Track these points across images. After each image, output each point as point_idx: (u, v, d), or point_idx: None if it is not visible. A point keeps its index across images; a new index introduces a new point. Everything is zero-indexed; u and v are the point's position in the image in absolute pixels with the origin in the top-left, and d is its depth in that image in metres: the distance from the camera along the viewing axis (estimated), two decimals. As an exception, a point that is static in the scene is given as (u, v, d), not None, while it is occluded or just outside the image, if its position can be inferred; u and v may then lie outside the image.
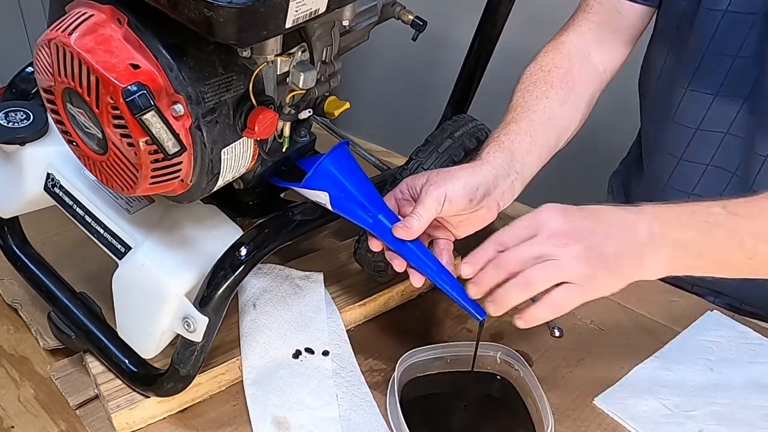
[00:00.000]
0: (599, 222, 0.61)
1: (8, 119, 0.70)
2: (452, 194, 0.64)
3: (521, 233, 0.61)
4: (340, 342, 0.80)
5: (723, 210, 0.59)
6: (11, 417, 0.72)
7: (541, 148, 0.74)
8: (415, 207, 0.65)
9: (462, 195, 0.65)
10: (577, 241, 0.59)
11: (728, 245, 0.59)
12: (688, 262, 0.60)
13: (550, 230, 0.60)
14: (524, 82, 0.79)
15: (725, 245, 0.59)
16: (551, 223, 0.60)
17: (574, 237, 0.59)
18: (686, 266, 0.60)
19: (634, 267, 0.60)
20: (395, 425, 0.72)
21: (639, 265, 0.60)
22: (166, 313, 0.66)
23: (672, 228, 0.60)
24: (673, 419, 0.74)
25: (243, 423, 0.72)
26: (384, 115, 2.16)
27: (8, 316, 0.85)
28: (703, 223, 0.59)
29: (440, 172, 0.67)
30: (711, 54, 0.82)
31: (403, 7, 0.85)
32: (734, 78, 0.82)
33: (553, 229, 0.60)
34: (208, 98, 0.57)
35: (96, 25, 0.54)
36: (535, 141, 0.73)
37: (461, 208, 0.65)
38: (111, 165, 0.58)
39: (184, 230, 0.69)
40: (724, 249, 0.59)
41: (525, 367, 0.76)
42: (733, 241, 0.58)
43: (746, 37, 0.78)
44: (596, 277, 0.59)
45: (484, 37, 0.91)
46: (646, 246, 0.60)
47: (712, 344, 0.84)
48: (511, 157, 0.70)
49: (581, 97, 0.80)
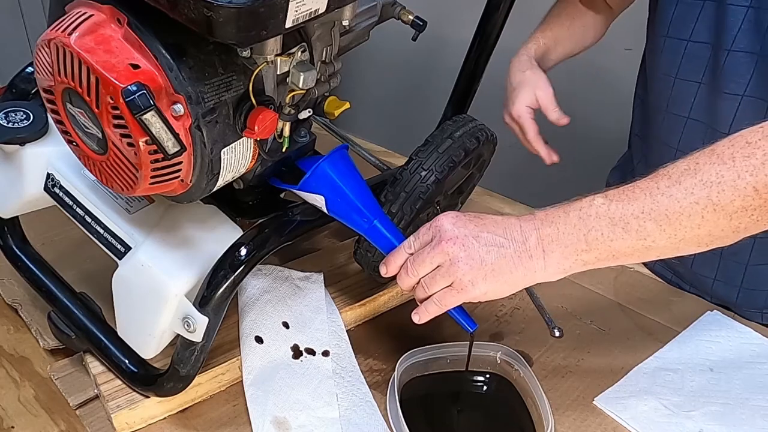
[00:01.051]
0: (487, 231, 0.64)
1: (8, 119, 0.70)
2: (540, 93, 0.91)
3: (424, 238, 0.66)
4: (340, 342, 0.80)
5: (605, 200, 0.61)
6: (11, 417, 0.72)
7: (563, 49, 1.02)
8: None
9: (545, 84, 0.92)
10: (462, 248, 0.63)
11: (614, 232, 0.60)
12: (581, 257, 0.62)
13: (441, 236, 0.64)
14: (557, 4, 1.03)
15: (610, 233, 0.60)
16: (443, 228, 0.64)
17: (459, 244, 0.63)
18: (581, 261, 0.62)
19: (524, 272, 0.63)
20: (395, 425, 0.72)
21: (530, 270, 0.63)
22: (166, 313, 0.66)
23: (558, 228, 0.62)
24: (673, 419, 0.74)
25: (243, 423, 0.72)
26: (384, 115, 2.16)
27: (8, 316, 0.85)
28: (586, 216, 0.61)
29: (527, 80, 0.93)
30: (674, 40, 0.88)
31: (403, 7, 0.85)
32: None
33: (443, 235, 0.64)
34: (208, 98, 0.57)
35: (96, 25, 0.54)
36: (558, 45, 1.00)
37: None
38: (111, 165, 0.58)
39: (184, 230, 0.69)
40: (610, 237, 0.60)
41: (525, 367, 0.76)
42: (617, 227, 0.60)
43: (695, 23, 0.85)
44: (473, 284, 0.63)
45: (484, 37, 0.90)
46: (536, 250, 0.62)
47: (712, 344, 0.84)
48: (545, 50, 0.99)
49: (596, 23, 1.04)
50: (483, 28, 0.90)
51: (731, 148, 0.57)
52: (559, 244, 0.62)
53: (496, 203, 1.12)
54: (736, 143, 0.58)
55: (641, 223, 0.59)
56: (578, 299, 0.92)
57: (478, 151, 0.79)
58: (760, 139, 0.56)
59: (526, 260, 0.62)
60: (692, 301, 0.93)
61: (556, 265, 0.62)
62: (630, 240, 0.60)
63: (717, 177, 0.57)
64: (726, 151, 0.58)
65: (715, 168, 0.57)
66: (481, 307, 0.90)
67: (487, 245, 0.63)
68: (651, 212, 0.59)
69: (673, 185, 0.58)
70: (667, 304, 0.92)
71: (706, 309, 0.90)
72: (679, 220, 0.58)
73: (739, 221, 0.58)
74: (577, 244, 0.61)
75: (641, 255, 0.62)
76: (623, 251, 0.61)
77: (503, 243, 0.63)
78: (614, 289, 0.95)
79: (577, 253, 0.62)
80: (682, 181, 0.58)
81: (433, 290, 0.65)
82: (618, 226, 0.60)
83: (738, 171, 0.56)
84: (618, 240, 0.60)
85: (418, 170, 0.75)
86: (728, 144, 0.58)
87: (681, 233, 0.59)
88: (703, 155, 0.59)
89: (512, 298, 0.92)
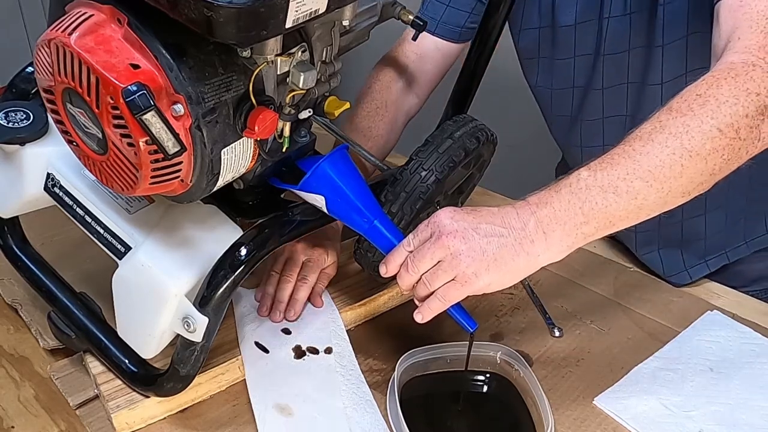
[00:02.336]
0: (485, 222, 0.64)
1: (8, 119, 0.70)
2: None
3: (423, 235, 0.66)
4: (341, 342, 0.80)
5: (589, 171, 0.63)
6: (11, 417, 0.72)
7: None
8: None
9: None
10: (462, 241, 0.63)
11: (606, 198, 0.62)
12: (581, 231, 0.63)
13: (441, 231, 0.64)
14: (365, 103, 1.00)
15: (603, 200, 0.62)
16: (442, 223, 0.65)
17: (459, 237, 0.63)
18: (582, 235, 0.64)
19: (526, 258, 0.64)
20: (395, 425, 0.72)
21: (532, 256, 0.63)
22: (166, 313, 0.66)
23: (553, 207, 0.63)
24: (673, 419, 0.74)
25: (243, 423, 0.72)
26: (384, 115, 2.15)
27: (8, 316, 0.85)
28: (577, 190, 0.63)
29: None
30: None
31: (403, 7, 0.85)
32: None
33: (442, 230, 0.64)
34: (208, 98, 0.57)
35: (96, 25, 0.54)
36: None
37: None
38: (111, 165, 0.58)
39: (184, 230, 0.69)
40: (604, 203, 0.62)
41: (525, 367, 0.76)
42: (608, 192, 0.62)
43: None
44: (477, 276, 0.63)
45: (484, 37, 0.90)
46: (536, 234, 0.63)
47: (712, 344, 0.84)
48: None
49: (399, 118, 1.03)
50: (483, 28, 0.90)
51: (685, 102, 0.62)
52: (558, 222, 0.63)
53: (496, 203, 1.12)
54: (688, 97, 0.63)
55: (629, 183, 0.62)
56: (578, 299, 0.92)
57: (478, 151, 0.79)
58: (707, 89, 0.62)
59: (528, 245, 0.63)
60: (692, 301, 0.93)
61: (559, 243, 0.63)
62: (623, 202, 0.62)
63: (683, 127, 0.61)
64: (682, 106, 0.62)
65: (679, 120, 0.62)
66: (481, 306, 0.90)
67: (487, 236, 0.63)
68: (635, 171, 0.62)
69: (647, 143, 0.62)
70: (667, 304, 0.92)
71: (706, 309, 0.90)
72: (662, 172, 0.61)
73: (714, 162, 0.62)
74: (575, 218, 0.63)
75: (634, 216, 0.64)
76: (619, 215, 0.63)
77: (503, 232, 0.63)
78: (614, 289, 0.95)
79: (577, 227, 0.63)
80: (654, 138, 0.62)
81: (435, 286, 0.65)
82: (609, 192, 0.62)
83: (700, 118, 0.61)
84: (612, 205, 0.62)
85: (418, 170, 0.75)
86: (681, 100, 0.63)
87: (667, 185, 0.62)
88: (662, 113, 0.63)
89: (512, 297, 0.92)
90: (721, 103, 0.61)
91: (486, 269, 0.63)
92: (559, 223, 0.63)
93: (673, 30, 0.83)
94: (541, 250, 0.63)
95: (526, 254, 0.63)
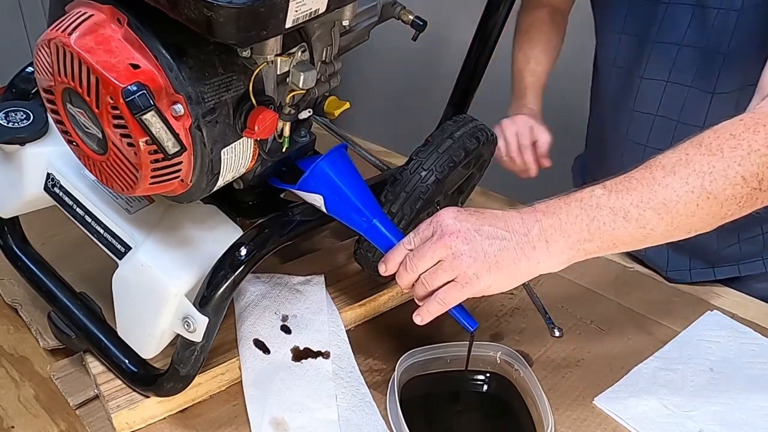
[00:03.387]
0: (488, 224, 0.64)
1: (8, 119, 0.70)
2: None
3: (424, 234, 0.66)
4: (340, 342, 0.80)
5: (604, 190, 0.63)
6: (11, 417, 0.72)
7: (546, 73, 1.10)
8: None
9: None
10: (464, 242, 0.63)
11: (615, 221, 0.62)
12: (583, 247, 0.63)
13: (443, 230, 0.64)
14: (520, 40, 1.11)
15: (612, 222, 0.62)
16: (444, 223, 0.64)
17: (461, 238, 0.63)
18: (583, 251, 0.63)
19: (527, 264, 0.63)
20: (395, 425, 0.72)
21: (533, 261, 0.63)
22: (166, 313, 0.66)
23: (560, 218, 0.63)
24: (673, 419, 0.74)
25: (243, 423, 0.72)
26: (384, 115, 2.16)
27: (8, 316, 0.85)
28: (588, 207, 0.63)
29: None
30: (660, 42, 0.90)
31: (403, 7, 0.85)
32: (680, 65, 0.89)
33: (444, 229, 0.64)
34: (208, 98, 0.57)
35: (96, 25, 0.54)
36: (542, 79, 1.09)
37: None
38: (111, 165, 0.58)
39: (184, 230, 0.69)
40: (612, 225, 0.62)
41: (525, 367, 0.76)
42: (618, 215, 0.62)
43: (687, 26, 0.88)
44: (478, 277, 0.63)
45: (484, 37, 0.90)
46: (539, 241, 0.63)
47: (712, 344, 0.84)
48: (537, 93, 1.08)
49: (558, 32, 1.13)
50: (483, 28, 0.90)
51: (717, 140, 0.60)
52: (562, 234, 0.62)
53: (497, 203, 1.12)
54: (722, 135, 0.61)
55: (641, 212, 0.61)
56: (578, 299, 0.92)
57: (478, 151, 0.79)
58: (743, 131, 0.60)
59: (529, 251, 0.63)
60: (692, 301, 0.93)
61: (560, 254, 0.63)
62: (630, 228, 0.62)
63: (708, 167, 0.60)
64: (713, 143, 0.61)
65: (706, 159, 0.60)
66: (481, 306, 0.90)
67: (490, 238, 0.63)
68: (650, 201, 0.61)
69: (669, 175, 0.61)
70: (667, 304, 0.92)
71: (706, 309, 0.90)
72: (676, 208, 0.61)
73: (729, 208, 0.61)
74: (580, 233, 0.62)
75: (639, 242, 0.63)
76: (623, 239, 0.62)
77: (505, 235, 0.63)
78: (614, 289, 0.95)
79: (580, 243, 0.62)
80: (677, 171, 0.61)
81: (434, 285, 0.64)
82: (619, 215, 0.61)
83: (727, 161, 0.60)
84: (620, 229, 0.62)
85: (418, 170, 0.75)
86: (714, 136, 0.61)
87: (677, 220, 0.61)
88: (691, 146, 0.62)
89: (512, 298, 0.92)
90: (752, 151, 0.59)
91: (487, 271, 0.62)
92: (563, 235, 0.62)
93: (741, 39, 0.82)
94: (542, 258, 0.63)
95: (527, 259, 0.63)
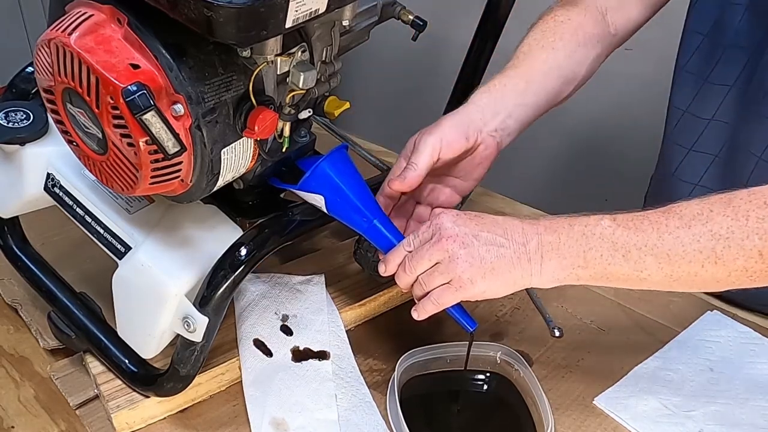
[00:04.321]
0: (487, 230, 0.63)
1: (8, 119, 0.70)
2: (447, 136, 0.69)
3: (424, 236, 0.65)
4: (340, 343, 0.80)
5: (612, 223, 0.61)
6: (11, 417, 0.72)
7: (536, 94, 0.75)
8: (410, 157, 0.69)
9: (456, 135, 0.69)
10: (461, 246, 0.63)
11: (613, 257, 0.60)
12: (576, 272, 0.62)
13: (441, 233, 0.64)
14: (535, 30, 0.80)
15: (610, 256, 0.60)
16: (444, 226, 0.64)
17: (459, 241, 0.63)
18: (575, 276, 0.62)
19: (521, 274, 0.63)
20: (395, 425, 0.72)
21: (527, 273, 0.63)
22: (166, 313, 0.66)
23: (560, 238, 0.62)
24: (673, 419, 0.74)
25: (243, 423, 0.72)
26: (384, 115, 2.15)
27: (8, 316, 0.85)
28: (590, 235, 0.61)
29: (429, 126, 0.70)
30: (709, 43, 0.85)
31: (403, 7, 0.85)
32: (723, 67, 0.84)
33: (443, 232, 0.64)
34: (208, 98, 0.57)
35: (96, 25, 0.54)
36: (531, 86, 0.75)
37: (459, 147, 0.70)
38: (111, 165, 0.58)
39: (184, 230, 0.69)
40: (609, 260, 0.60)
41: (525, 367, 0.76)
42: (618, 252, 0.60)
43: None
44: (472, 282, 0.63)
45: (484, 37, 0.91)
46: (535, 254, 0.62)
47: (712, 344, 0.84)
48: (501, 98, 0.73)
49: (588, 53, 0.80)
50: (483, 28, 0.90)
51: (748, 204, 0.57)
52: (558, 253, 0.62)
53: (496, 203, 1.12)
54: (754, 200, 0.57)
55: (642, 255, 0.59)
56: (578, 299, 0.92)
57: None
58: None
59: (525, 262, 0.63)
60: (692, 301, 0.93)
61: (551, 273, 0.63)
62: (627, 268, 0.60)
63: (727, 231, 0.57)
64: (742, 206, 0.57)
65: (727, 222, 0.57)
66: (481, 306, 0.90)
67: (487, 244, 0.63)
68: (654, 248, 0.59)
69: (683, 227, 0.58)
70: (667, 304, 0.92)
71: (706, 309, 0.90)
72: (680, 263, 0.58)
73: (737, 279, 0.58)
74: (575, 258, 0.62)
75: (633, 284, 0.62)
76: (617, 276, 0.61)
77: (503, 243, 0.63)
78: (614, 289, 0.95)
79: (573, 267, 0.62)
80: (692, 225, 0.58)
81: (430, 287, 0.64)
82: (619, 253, 0.60)
83: (748, 231, 0.56)
84: (615, 265, 0.61)
85: (419, 170, 0.75)
86: (747, 199, 0.57)
87: (677, 274, 0.59)
88: (719, 202, 0.58)
89: (512, 297, 0.92)
90: None
91: (482, 277, 0.62)
92: (558, 255, 0.62)
93: None
94: (535, 271, 0.63)
95: (521, 270, 0.63)
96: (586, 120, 1.64)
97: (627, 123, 1.63)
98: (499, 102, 0.73)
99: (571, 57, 0.78)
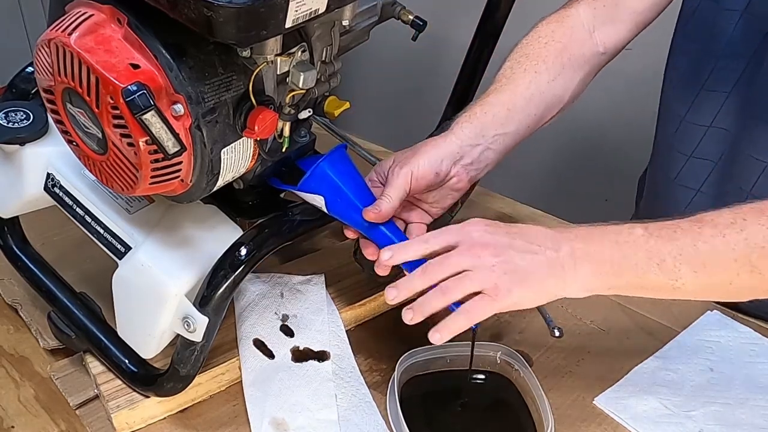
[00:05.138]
0: (520, 238, 0.62)
1: (8, 119, 0.70)
2: (418, 171, 0.68)
3: (447, 238, 0.63)
4: (340, 343, 0.80)
5: (645, 231, 0.61)
6: (11, 417, 0.72)
7: (518, 122, 0.74)
8: (384, 189, 0.68)
9: (427, 170, 0.69)
10: (494, 254, 0.61)
11: (648, 265, 0.60)
12: (609, 281, 0.61)
13: (471, 241, 0.62)
14: (517, 52, 0.78)
15: (644, 265, 0.60)
16: (473, 234, 0.62)
17: (491, 249, 0.61)
18: (608, 285, 0.62)
19: (555, 282, 0.62)
20: (395, 425, 0.72)
21: (561, 281, 0.62)
22: (166, 313, 0.66)
23: (593, 246, 0.61)
24: (673, 419, 0.74)
25: (243, 423, 0.72)
26: (384, 115, 2.16)
27: (8, 316, 0.85)
28: (623, 243, 0.61)
29: (406, 151, 0.70)
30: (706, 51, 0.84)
31: (403, 7, 0.85)
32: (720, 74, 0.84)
33: (473, 240, 0.62)
34: (208, 98, 0.57)
35: (96, 25, 0.54)
36: (512, 114, 0.74)
37: (429, 182, 0.69)
38: (111, 165, 0.58)
39: (184, 230, 0.69)
40: (644, 269, 0.60)
41: (525, 367, 0.76)
42: (652, 261, 0.59)
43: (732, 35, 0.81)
44: (509, 291, 0.60)
45: (484, 37, 0.91)
46: (567, 262, 0.61)
47: (712, 344, 0.84)
48: (482, 128, 0.72)
49: (574, 76, 0.79)
50: (483, 28, 0.90)
51: None
52: (591, 260, 0.61)
53: (496, 203, 1.12)
54: None
55: (677, 264, 0.59)
56: (578, 300, 0.92)
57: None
58: None
59: (559, 269, 0.61)
60: (692, 301, 0.93)
61: (584, 280, 0.62)
62: (662, 277, 0.60)
63: (762, 240, 0.57)
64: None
65: (763, 231, 0.57)
66: (481, 307, 0.90)
67: (522, 252, 0.61)
68: (689, 257, 0.59)
69: (717, 237, 0.58)
70: (667, 304, 0.92)
71: (706, 309, 0.90)
72: (715, 272, 0.58)
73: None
74: (609, 266, 0.61)
75: (666, 293, 0.61)
76: (651, 285, 0.61)
77: (536, 250, 0.62)
78: (614, 289, 0.95)
79: (608, 275, 0.61)
80: (727, 234, 0.58)
81: (455, 295, 0.61)
82: (653, 261, 0.60)
83: None
84: (651, 274, 0.60)
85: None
86: None
87: (711, 283, 0.59)
88: (752, 212, 0.58)
89: (512, 298, 0.92)
90: None
91: (519, 285, 0.60)
92: (591, 262, 0.61)
93: None
94: (569, 278, 0.61)
95: (556, 277, 0.61)
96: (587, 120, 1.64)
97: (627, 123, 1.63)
98: (479, 134, 0.72)
99: (555, 80, 0.77)
